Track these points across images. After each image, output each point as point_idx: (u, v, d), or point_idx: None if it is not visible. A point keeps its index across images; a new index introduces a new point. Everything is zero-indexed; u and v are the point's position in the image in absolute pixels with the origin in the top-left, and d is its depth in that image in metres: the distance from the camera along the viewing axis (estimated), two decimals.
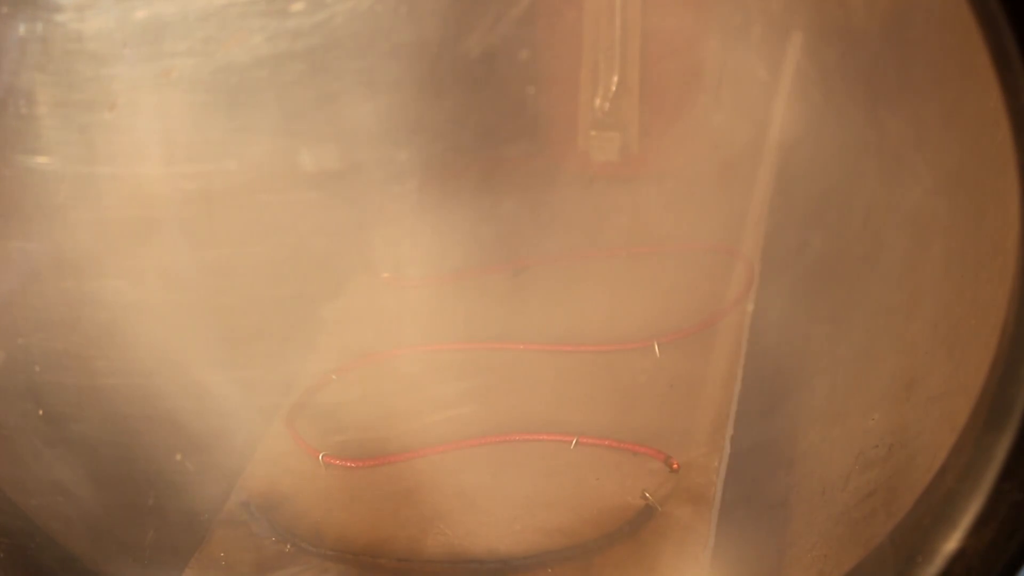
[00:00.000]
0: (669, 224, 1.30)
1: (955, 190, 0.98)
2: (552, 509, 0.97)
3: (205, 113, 0.99)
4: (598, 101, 1.35)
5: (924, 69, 1.08)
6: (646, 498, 0.97)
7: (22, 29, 0.85)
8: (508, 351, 1.17)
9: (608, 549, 0.94)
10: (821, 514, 1.02)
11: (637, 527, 0.95)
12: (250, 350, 1.07)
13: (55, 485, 0.96)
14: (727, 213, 1.30)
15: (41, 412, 0.97)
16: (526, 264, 1.29)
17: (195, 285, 1.05)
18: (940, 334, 0.99)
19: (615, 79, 1.34)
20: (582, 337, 1.17)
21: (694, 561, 0.92)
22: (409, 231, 1.29)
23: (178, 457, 0.99)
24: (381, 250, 1.30)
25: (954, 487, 0.71)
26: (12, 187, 0.94)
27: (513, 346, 1.17)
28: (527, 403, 1.10)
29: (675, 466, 1.00)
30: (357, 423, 1.08)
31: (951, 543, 0.71)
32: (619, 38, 1.32)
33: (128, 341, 0.99)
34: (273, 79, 0.97)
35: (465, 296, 1.25)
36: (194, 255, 1.06)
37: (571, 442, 1.03)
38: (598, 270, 1.29)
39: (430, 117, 1.21)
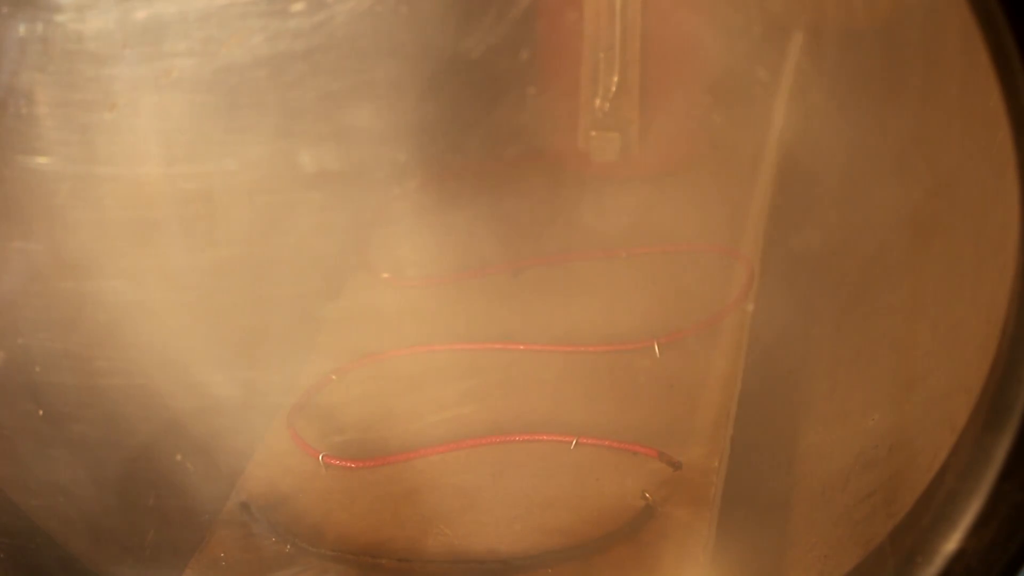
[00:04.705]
0: (669, 224, 1.30)
1: (955, 190, 0.98)
2: (552, 509, 0.97)
3: (205, 113, 0.99)
4: (598, 101, 1.35)
5: (924, 69, 1.08)
6: (646, 498, 0.97)
7: (22, 29, 0.85)
8: (508, 351, 1.17)
9: (608, 549, 0.93)
10: (821, 514, 1.02)
11: (637, 527, 0.95)
12: (250, 350, 1.07)
13: (55, 485, 0.96)
14: (727, 213, 1.30)
15: (41, 412, 0.97)
16: (526, 264, 1.29)
17: (195, 285, 1.05)
18: (940, 334, 0.99)
19: (615, 79, 1.34)
20: (582, 337, 1.17)
21: (694, 561, 0.92)
22: (409, 231, 1.29)
23: (178, 457, 0.99)
24: (381, 250, 1.30)
25: (954, 487, 0.72)
26: (12, 187, 0.94)
27: (513, 346, 1.17)
28: (527, 403, 1.09)
29: (675, 464, 0.99)
30: (357, 423, 1.08)
31: (951, 543, 0.71)
32: (619, 38, 1.32)
33: (128, 341, 0.99)
34: (273, 79, 0.97)
35: (465, 296, 1.25)
36: (194, 255, 1.06)
37: (571, 442, 1.03)
38: (598, 270, 1.29)
39: (430, 117, 1.21)
